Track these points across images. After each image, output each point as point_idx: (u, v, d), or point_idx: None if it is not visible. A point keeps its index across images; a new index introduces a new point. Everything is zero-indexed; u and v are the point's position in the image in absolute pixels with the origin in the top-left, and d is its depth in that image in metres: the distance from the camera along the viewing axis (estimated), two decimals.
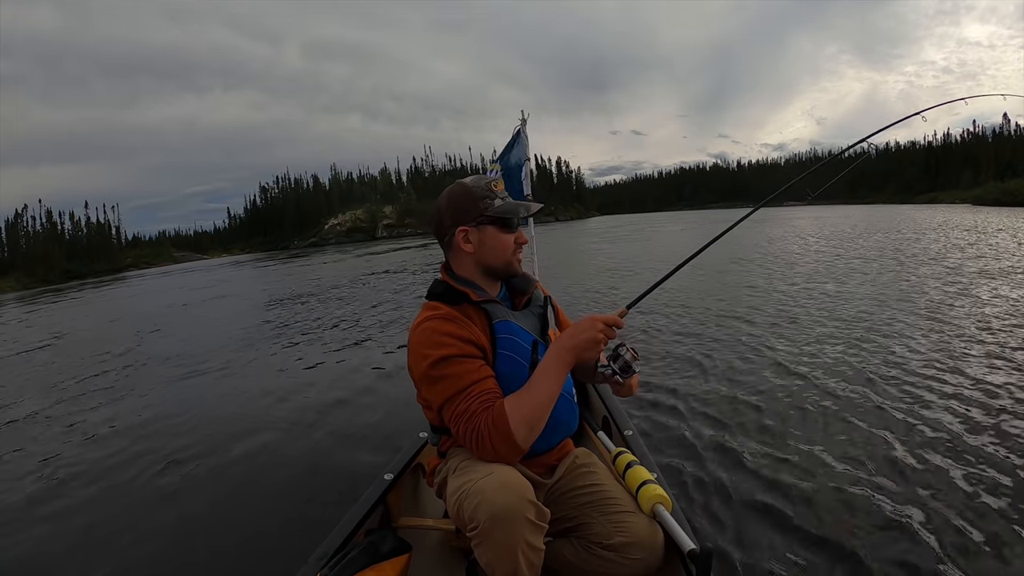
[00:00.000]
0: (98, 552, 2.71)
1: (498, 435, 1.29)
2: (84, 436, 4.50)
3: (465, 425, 1.32)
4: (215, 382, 5.75)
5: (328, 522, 1.77)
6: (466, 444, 1.35)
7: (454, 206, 1.51)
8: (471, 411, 1.32)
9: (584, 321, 1.40)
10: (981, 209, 35.06)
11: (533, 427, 1.32)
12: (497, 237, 1.51)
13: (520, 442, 1.30)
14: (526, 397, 1.33)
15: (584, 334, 1.38)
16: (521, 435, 1.29)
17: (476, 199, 1.50)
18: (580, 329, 1.39)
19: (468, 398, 1.33)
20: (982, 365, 4.19)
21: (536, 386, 1.35)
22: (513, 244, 1.54)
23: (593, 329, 1.38)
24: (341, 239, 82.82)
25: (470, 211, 1.49)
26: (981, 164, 71.17)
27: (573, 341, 1.38)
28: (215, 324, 10.33)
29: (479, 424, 1.30)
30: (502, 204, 1.51)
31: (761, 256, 13.34)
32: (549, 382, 1.35)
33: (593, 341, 1.38)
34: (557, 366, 1.37)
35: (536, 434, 1.33)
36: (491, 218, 1.50)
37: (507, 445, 1.29)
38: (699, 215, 59.01)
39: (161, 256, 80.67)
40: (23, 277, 58.97)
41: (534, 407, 1.32)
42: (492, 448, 1.30)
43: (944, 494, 2.52)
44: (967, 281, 7.94)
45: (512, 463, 1.33)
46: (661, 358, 5.03)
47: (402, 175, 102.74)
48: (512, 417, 1.29)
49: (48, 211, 73.98)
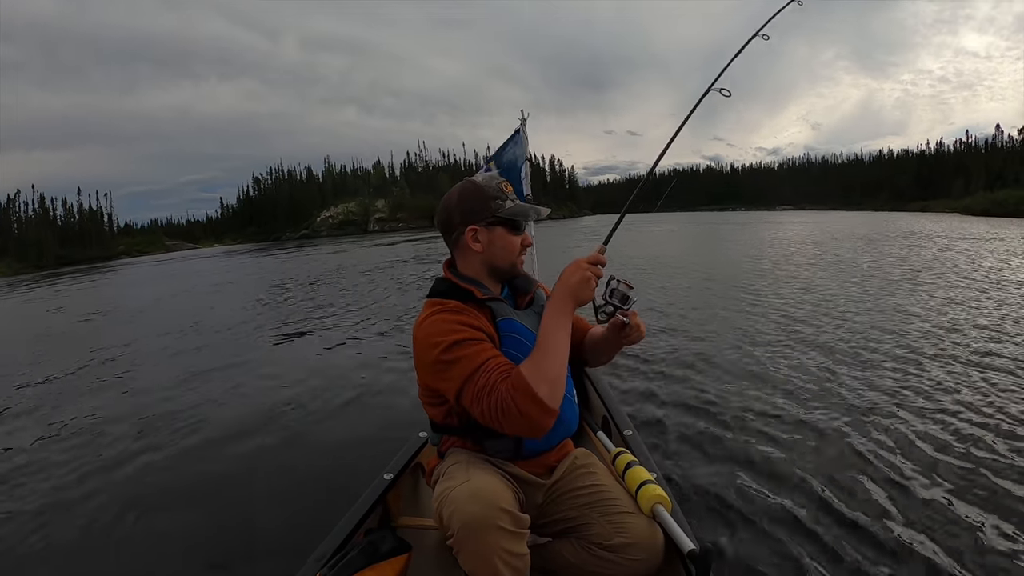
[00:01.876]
0: (96, 552, 2.68)
1: (522, 397, 1.25)
2: (78, 433, 4.45)
3: (488, 398, 1.28)
4: (214, 381, 5.67)
5: (327, 522, 1.77)
6: (492, 420, 1.30)
7: (465, 204, 1.50)
8: (491, 383, 1.29)
9: (569, 267, 1.42)
10: (967, 219, 35.38)
11: (554, 382, 1.29)
12: (506, 238, 1.51)
13: (545, 399, 1.26)
14: (539, 354, 1.32)
15: (573, 276, 1.39)
16: (544, 391, 1.26)
17: (488, 199, 1.49)
18: (567, 274, 1.41)
19: (486, 372, 1.31)
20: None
21: (546, 341, 1.34)
22: (520, 246, 1.54)
23: (580, 269, 1.40)
24: (333, 232, 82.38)
25: (481, 210, 1.49)
26: (972, 174, 71.70)
27: (566, 287, 1.39)
28: (211, 319, 10.22)
29: (501, 393, 1.27)
30: (513, 206, 1.51)
31: (762, 257, 13.44)
32: (558, 334, 1.35)
33: (584, 280, 1.39)
34: (559, 317, 1.37)
35: (560, 390, 1.30)
36: (502, 219, 1.50)
37: (534, 405, 1.25)
38: (688, 216, 59.15)
39: (154, 245, 79.82)
40: (14, 262, 58.34)
41: (551, 361, 1.31)
42: (519, 413, 1.25)
43: (946, 494, 2.56)
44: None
45: (544, 427, 1.29)
46: (661, 359, 5.05)
47: (396, 169, 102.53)
48: (531, 376, 1.27)
49: (41, 196, 73.07)
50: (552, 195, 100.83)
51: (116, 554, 2.66)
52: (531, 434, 1.32)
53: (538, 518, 1.55)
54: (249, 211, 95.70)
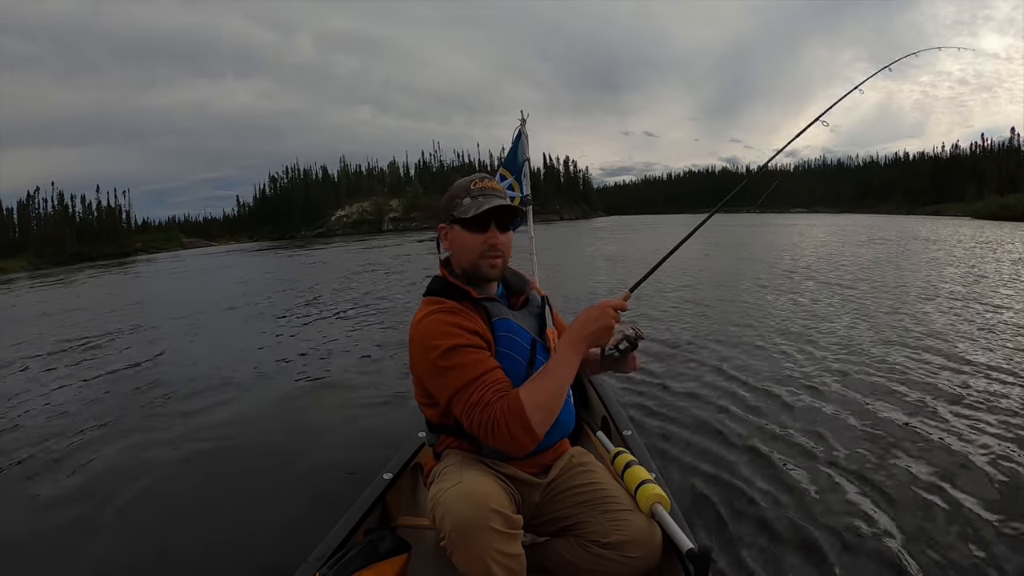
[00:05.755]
0: (94, 551, 2.70)
1: (515, 421, 1.28)
2: (78, 432, 4.50)
3: (480, 414, 1.31)
4: (214, 381, 5.72)
5: (327, 522, 1.78)
6: (480, 433, 1.34)
7: (441, 203, 1.55)
8: (485, 400, 1.32)
9: (594, 309, 1.42)
10: (975, 223, 35.03)
11: (549, 413, 1.33)
12: (463, 237, 1.49)
13: (536, 427, 1.30)
14: (541, 383, 1.34)
15: (598, 322, 1.40)
16: (537, 420, 1.30)
17: (452, 197, 1.52)
18: (592, 317, 1.41)
19: (481, 387, 1.33)
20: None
21: (551, 373, 1.36)
22: (481, 246, 1.48)
23: (605, 316, 1.40)
24: (347, 231, 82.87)
25: (445, 209, 1.53)
26: (985, 178, 70.65)
27: (588, 329, 1.40)
28: (216, 317, 10.34)
29: (495, 412, 1.30)
30: (467, 203, 1.48)
31: (766, 258, 13.35)
32: (564, 369, 1.37)
33: (607, 328, 1.41)
34: (571, 354, 1.39)
35: (551, 420, 1.35)
36: (455, 217, 1.50)
37: (524, 431, 1.29)
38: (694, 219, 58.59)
39: (171, 242, 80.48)
40: (33, 258, 59.18)
41: (550, 393, 1.34)
42: (508, 434, 1.29)
43: (948, 496, 2.55)
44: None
45: (527, 450, 1.34)
46: (661, 360, 5.05)
47: (410, 169, 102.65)
48: (528, 403, 1.29)
49: (60, 193, 74.04)
50: (566, 196, 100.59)
51: (112, 552, 2.67)
52: (513, 453, 1.36)
53: (536, 517, 1.56)
54: (265, 209, 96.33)
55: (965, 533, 2.28)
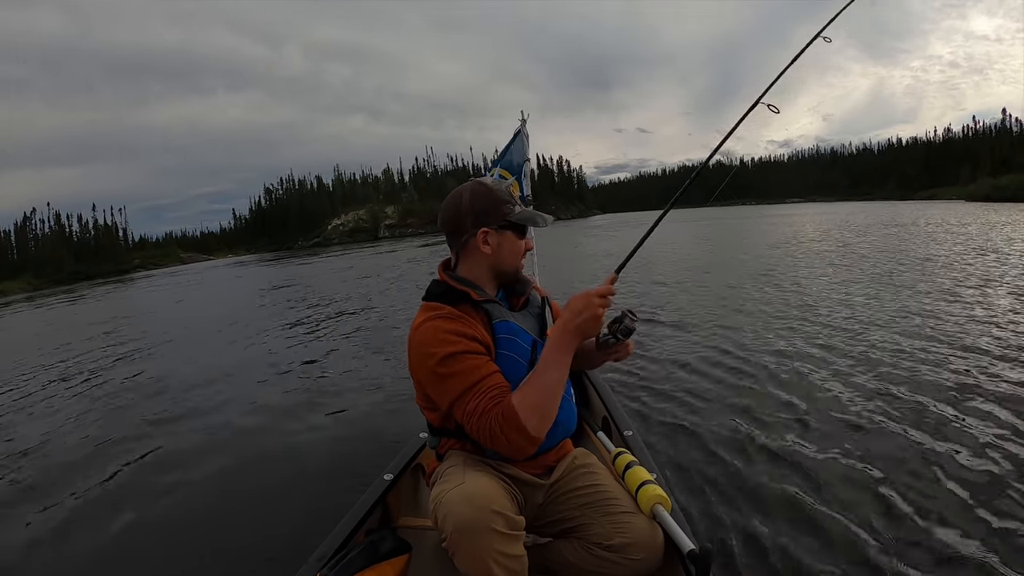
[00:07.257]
0: (94, 551, 2.72)
1: (510, 428, 1.29)
2: (79, 432, 4.54)
3: (478, 422, 1.32)
4: (214, 381, 5.76)
5: (328, 522, 1.79)
6: (480, 440, 1.35)
7: (478, 207, 1.49)
8: (481, 409, 1.32)
9: (578, 299, 1.40)
10: (969, 205, 34.99)
11: (544, 415, 1.32)
12: (514, 242, 1.53)
13: (532, 431, 1.29)
14: (533, 386, 1.34)
15: (583, 314, 1.38)
16: (532, 424, 1.29)
17: (501, 202, 1.50)
18: (577, 309, 1.38)
19: (478, 396, 1.33)
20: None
21: (542, 373, 1.35)
22: (523, 249, 1.57)
23: (591, 306, 1.38)
24: (344, 239, 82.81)
25: (493, 214, 1.49)
26: (979, 160, 70.79)
27: (575, 322, 1.38)
28: (214, 321, 10.36)
29: (491, 420, 1.30)
30: (522, 211, 1.53)
31: (763, 251, 13.36)
32: (555, 368, 1.36)
33: (594, 318, 1.38)
34: (561, 351, 1.37)
35: (548, 422, 1.34)
36: (511, 223, 1.51)
37: (521, 436, 1.29)
38: (696, 213, 58.87)
39: (169, 257, 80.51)
40: (32, 279, 59.27)
41: (542, 394, 1.33)
42: (507, 441, 1.30)
43: (948, 497, 2.52)
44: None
45: (528, 453, 1.34)
46: (661, 360, 5.01)
47: (404, 175, 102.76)
48: (522, 408, 1.29)
49: (56, 214, 74.16)
50: (560, 196, 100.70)
51: (113, 553, 2.69)
52: (514, 457, 1.37)
53: (539, 518, 1.56)
54: (261, 221, 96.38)
55: (983, 536, 2.23)
